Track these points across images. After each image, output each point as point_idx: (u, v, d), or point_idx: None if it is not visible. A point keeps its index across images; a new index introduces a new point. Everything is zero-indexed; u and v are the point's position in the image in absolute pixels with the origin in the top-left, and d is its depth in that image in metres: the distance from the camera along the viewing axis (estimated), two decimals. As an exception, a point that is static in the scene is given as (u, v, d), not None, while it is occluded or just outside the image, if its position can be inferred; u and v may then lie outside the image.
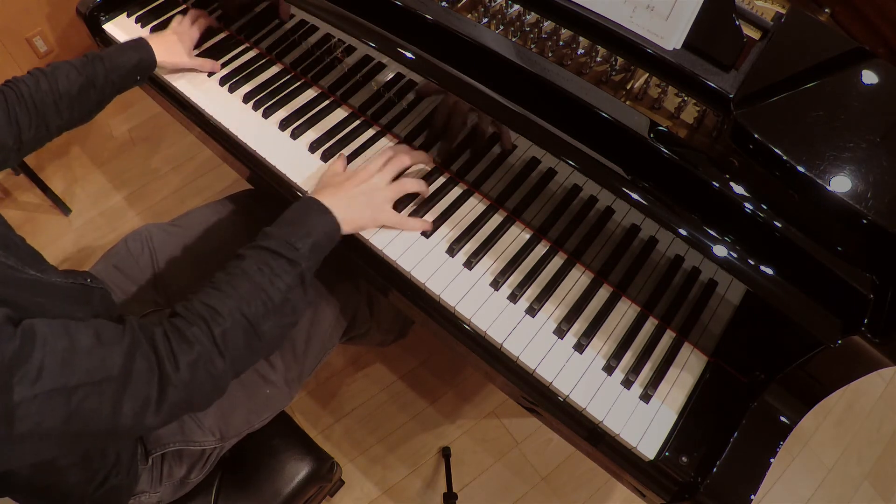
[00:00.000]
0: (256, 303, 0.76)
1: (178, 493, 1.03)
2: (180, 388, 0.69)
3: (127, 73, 1.07)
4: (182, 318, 0.73)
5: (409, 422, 1.70)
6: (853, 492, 1.68)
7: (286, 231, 0.83)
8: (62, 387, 0.59)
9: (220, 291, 0.76)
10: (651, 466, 0.86)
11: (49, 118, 0.97)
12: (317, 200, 0.89)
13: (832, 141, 0.78)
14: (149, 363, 0.67)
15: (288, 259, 0.81)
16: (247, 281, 0.77)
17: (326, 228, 0.87)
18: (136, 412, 0.65)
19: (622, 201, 0.84)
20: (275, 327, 0.79)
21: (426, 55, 0.93)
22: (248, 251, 0.81)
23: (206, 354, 0.71)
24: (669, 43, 0.85)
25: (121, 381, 0.64)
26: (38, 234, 2.04)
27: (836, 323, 0.75)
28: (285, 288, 0.79)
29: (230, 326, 0.74)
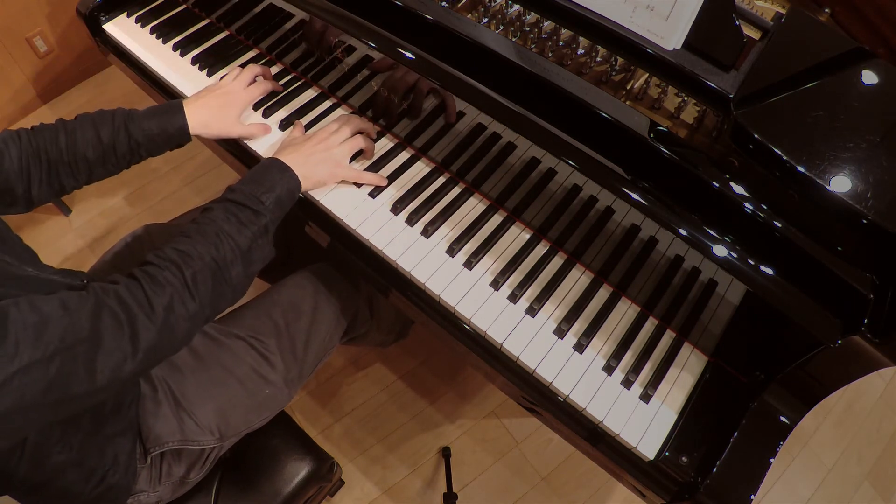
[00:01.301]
0: (225, 248, 0.81)
1: (177, 493, 1.03)
2: (152, 330, 0.72)
3: (154, 146, 0.99)
4: (154, 265, 0.77)
5: (409, 422, 1.70)
6: (853, 492, 1.68)
7: (251, 187, 0.88)
8: (39, 358, 0.62)
9: (190, 238, 0.80)
10: (651, 466, 0.86)
11: (63, 178, 0.93)
12: (278, 160, 0.95)
13: (832, 141, 0.78)
14: (115, 319, 0.69)
15: (253, 210, 0.86)
16: (215, 227, 0.82)
17: (288, 185, 0.92)
18: (111, 367, 0.68)
19: (622, 201, 0.84)
20: (241, 274, 0.83)
21: (426, 55, 0.93)
22: (216, 204, 0.86)
23: (179, 296, 0.75)
24: (669, 43, 0.85)
25: (92, 341, 0.66)
26: (38, 234, 2.04)
27: (836, 323, 0.75)
28: (251, 236, 0.85)
29: (200, 269, 0.78)
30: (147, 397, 0.96)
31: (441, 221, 1.01)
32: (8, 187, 0.88)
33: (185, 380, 1.00)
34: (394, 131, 1.10)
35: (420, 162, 1.08)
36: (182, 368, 1.00)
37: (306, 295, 1.13)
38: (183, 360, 1.01)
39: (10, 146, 0.88)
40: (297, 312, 1.11)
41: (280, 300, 1.12)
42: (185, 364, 1.01)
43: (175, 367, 1.00)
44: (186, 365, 1.01)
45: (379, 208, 1.02)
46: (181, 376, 1.00)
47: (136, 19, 1.31)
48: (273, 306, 1.11)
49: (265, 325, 1.08)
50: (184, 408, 0.98)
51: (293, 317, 1.10)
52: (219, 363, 1.02)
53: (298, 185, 0.94)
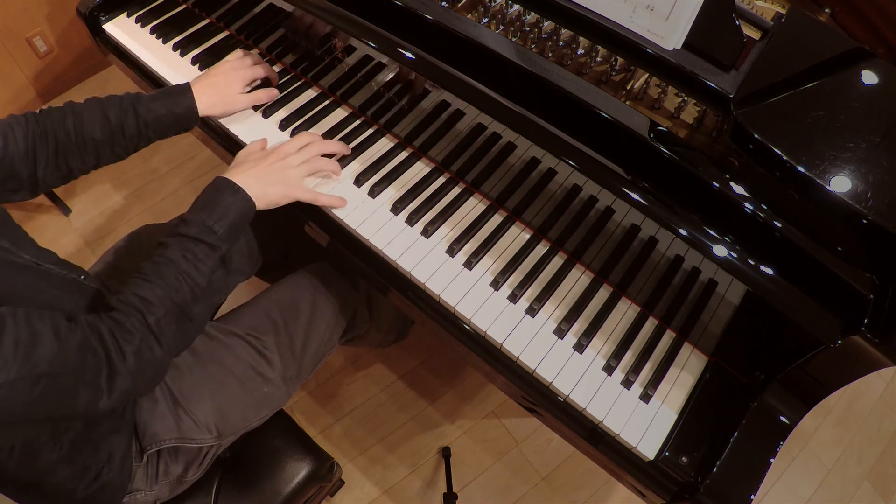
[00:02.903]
0: (184, 289, 0.81)
1: (174, 492, 1.03)
2: (126, 375, 0.74)
3: (162, 128, 0.99)
4: (119, 312, 0.77)
5: (409, 422, 1.70)
6: (853, 492, 1.68)
7: (204, 215, 0.87)
8: (26, 375, 0.64)
9: (149, 282, 0.80)
10: (651, 466, 0.86)
11: (70, 160, 0.93)
12: (229, 181, 0.92)
13: (832, 141, 0.78)
14: (97, 358, 0.72)
15: (208, 244, 0.85)
16: (173, 269, 0.82)
17: (240, 207, 0.90)
18: (89, 400, 0.71)
19: (622, 201, 0.84)
20: (203, 310, 0.85)
21: (426, 55, 0.93)
22: (171, 239, 0.85)
23: (146, 342, 0.77)
24: (669, 43, 0.85)
25: (76, 374, 0.69)
26: (38, 234, 2.03)
27: (836, 323, 0.75)
28: (208, 271, 0.85)
29: (163, 315, 0.79)
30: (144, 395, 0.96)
31: (441, 221, 1.01)
32: (13, 172, 0.88)
33: (183, 377, 1.00)
34: (394, 131, 1.10)
35: (420, 162, 1.08)
36: (180, 366, 1.00)
37: (305, 294, 1.13)
38: (181, 358, 1.01)
39: (16, 129, 0.88)
40: (295, 311, 1.11)
41: (279, 299, 1.12)
42: (183, 362, 1.01)
43: (173, 366, 1.00)
44: (184, 363, 1.01)
45: (379, 208, 1.02)
46: (179, 374, 1.00)
47: (136, 19, 1.31)
48: (272, 305, 1.11)
49: (264, 323, 1.08)
50: (181, 405, 0.97)
51: (292, 315, 1.10)
52: (217, 361, 1.02)
53: (252, 205, 0.92)
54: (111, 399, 0.73)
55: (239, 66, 1.08)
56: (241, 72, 1.08)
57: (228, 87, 1.06)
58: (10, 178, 0.88)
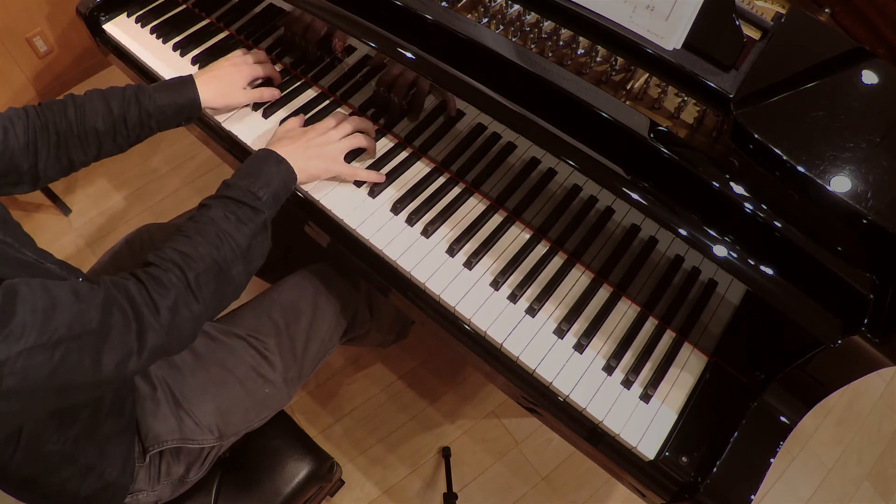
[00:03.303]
0: (225, 248, 0.81)
1: (176, 492, 1.03)
2: (160, 331, 0.72)
3: (165, 119, 0.99)
4: (156, 266, 0.77)
5: (409, 422, 1.70)
6: (853, 492, 1.68)
7: (248, 181, 0.87)
8: (45, 342, 0.62)
9: (190, 239, 0.80)
10: (651, 466, 0.86)
11: (72, 152, 0.92)
12: (272, 151, 0.93)
13: (832, 141, 0.78)
14: (124, 315, 0.70)
15: (251, 207, 0.85)
16: (215, 228, 0.82)
17: (284, 177, 0.92)
18: (117, 362, 0.68)
19: (622, 201, 0.84)
20: (242, 272, 0.83)
21: (426, 55, 0.93)
22: (214, 201, 0.85)
23: (183, 297, 0.75)
24: (669, 43, 0.85)
25: (99, 334, 0.67)
26: (38, 234, 2.04)
27: (836, 323, 0.75)
28: (250, 234, 0.84)
29: (203, 270, 0.78)
30: (146, 396, 0.96)
31: (441, 221, 1.01)
32: (13, 165, 0.88)
33: (185, 379, 1.00)
34: (394, 131, 1.10)
35: (420, 162, 1.08)
36: (181, 367, 1.00)
37: (306, 295, 1.13)
38: (182, 359, 1.01)
39: (16, 123, 0.88)
40: (296, 312, 1.11)
41: (280, 300, 1.12)
42: (184, 363, 1.01)
43: (174, 367, 1.00)
44: (186, 364, 1.01)
45: (379, 208, 1.02)
46: (180, 375, 1.00)
47: (136, 19, 1.31)
48: (273, 306, 1.11)
49: (265, 324, 1.08)
50: (183, 407, 0.98)
51: (293, 316, 1.10)
52: (218, 362, 1.02)
53: (294, 177, 0.94)
54: (142, 359, 0.71)
55: (241, 62, 1.09)
56: (243, 68, 1.09)
57: (231, 82, 1.07)
58: (10, 172, 0.88)
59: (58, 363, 0.63)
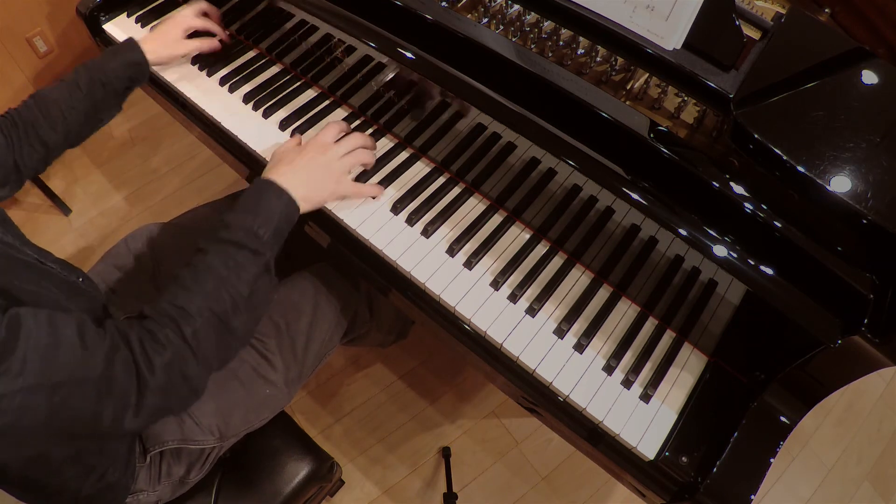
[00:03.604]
0: (224, 298, 0.75)
1: (177, 493, 1.03)
2: (157, 391, 0.68)
3: (114, 75, 1.02)
4: (152, 321, 0.72)
5: (409, 422, 1.70)
6: (853, 492, 1.68)
7: (247, 219, 0.82)
8: (44, 383, 0.60)
9: (186, 290, 0.75)
10: (651, 466, 0.86)
11: (42, 134, 0.95)
12: (272, 182, 0.87)
13: (832, 141, 0.78)
14: (127, 368, 0.67)
15: (251, 250, 0.79)
16: (213, 276, 0.76)
17: (286, 211, 0.86)
18: (115, 415, 0.66)
19: (622, 201, 0.84)
20: (245, 321, 0.78)
21: (426, 55, 0.93)
22: (211, 245, 0.79)
23: (180, 355, 0.71)
24: (669, 43, 0.85)
25: (102, 383, 0.64)
26: (38, 234, 2.04)
27: (836, 323, 0.75)
28: (252, 279, 0.78)
29: (201, 325, 0.73)
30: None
31: (441, 221, 1.01)
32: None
33: (185, 380, 0.99)
34: (394, 131, 1.10)
35: (420, 162, 1.08)
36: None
37: (306, 295, 1.13)
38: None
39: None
40: (297, 312, 1.11)
41: (280, 300, 1.12)
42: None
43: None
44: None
45: (379, 208, 1.02)
46: (181, 376, 0.99)
47: (136, 19, 1.31)
48: (273, 307, 1.11)
49: (265, 325, 1.08)
50: (184, 408, 0.97)
51: (293, 317, 1.10)
52: (219, 363, 1.02)
53: (297, 209, 0.88)
54: (139, 417, 0.68)
55: (180, 16, 1.15)
56: (179, 19, 1.14)
57: (168, 33, 1.12)
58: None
59: (57, 406, 0.61)
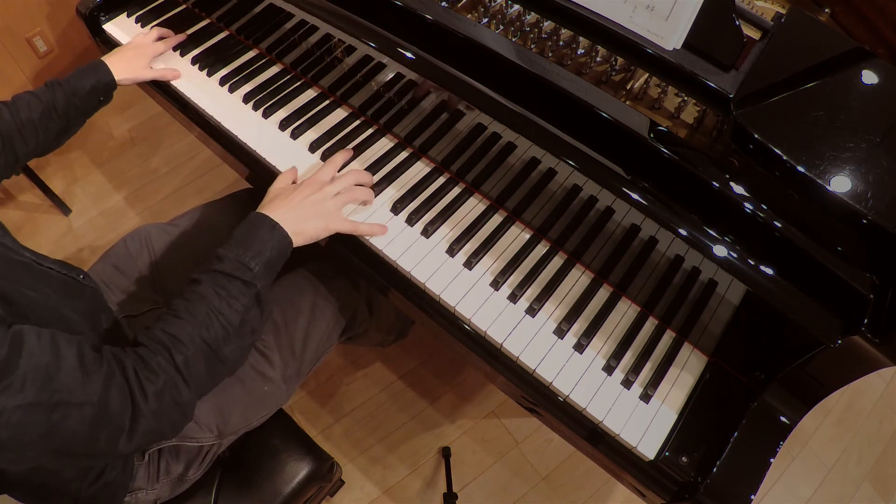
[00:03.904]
0: (215, 327, 0.78)
1: (175, 491, 1.03)
2: (149, 417, 0.71)
3: (86, 94, 1.08)
4: (145, 348, 0.75)
5: (409, 422, 1.70)
6: (853, 492, 1.68)
7: (239, 252, 0.84)
8: (44, 401, 0.61)
9: (179, 318, 0.77)
10: (651, 466, 0.86)
11: (16, 145, 1.00)
12: (265, 216, 0.89)
13: (832, 141, 0.78)
14: (122, 394, 0.69)
15: (243, 281, 0.82)
16: (204, 305, 0.78)
17: (278, 244, 0.87)
18: (110, 439, 0.68)
19: (622, 201, 0.84)
20: (235, 350, 0.80)
21: (426, 55, 0.93)
22: (204, 275, 0.82)
23: (171, 382, 0.73)
24: (669, 43, 0.85)
25: (99, 407, 0.66)
26: (38, 234, 2.04)
27: (836, 323, 0.75)
28: (242, 309, 0.81)
29: (192, 354, 0.75)
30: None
31: (441, 221, 1.01)
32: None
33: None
34: (394, 131, 1.10)
35: (420, 162, 1.08)
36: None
37: (305, 293, 1.13)
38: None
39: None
40: (295, 310, 1.11)
41: (279, 298, 1.12)
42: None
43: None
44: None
45: (379, 208, 1.02)
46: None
47: (136, 19, 1.31)
48: (272, 304, 1.11)
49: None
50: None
51: (292, 315, 1.10)
52: (218, 362, 1.02)
53: (289, 242, 0.89)
54: (132, 441, 0.70)
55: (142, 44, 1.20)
56: (144, 50, 1.19)
57: (135, 60, 1.17)
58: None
59: (55, 425, 0.63)
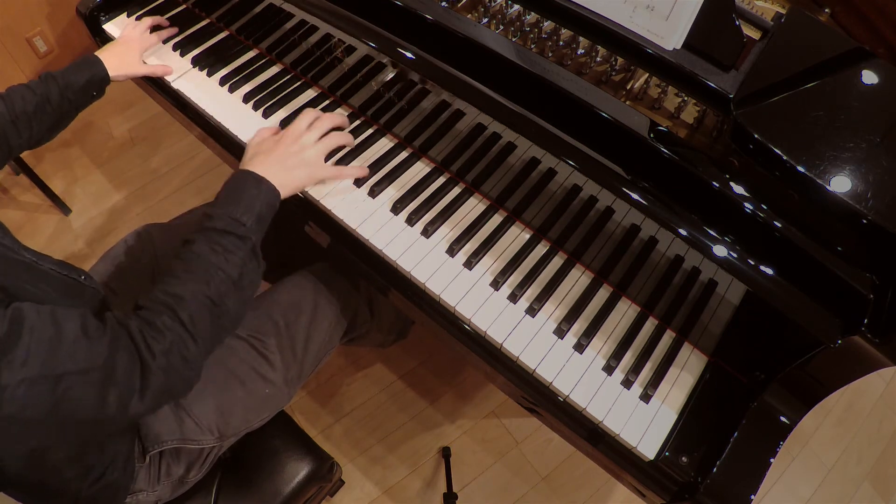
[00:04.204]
0: (216, 281, 0.79)
1: (176, 493, 1.03)
2: (160, 374, 0.72)
3: (80, 89, 1.08)
4: (148, 310, 0.76)
5: (409, 422, 1.70)
6: (853, 492, 1.68)
7: (229, 209, 0.85)
8: (48, 374, 0.62)
9: (178, 278, 0.79)
10: (651, 466, 0.86)
11: (9, 137, 0.99)
12: (250, 172, 0.90)
13: (832, 141, 0.78)
14: (130, 355, 0.70)
15: (237, 235, 0.83)
16: (202, 263, 0.80)
17: (267, 198, 0.89)
18: (120, 402, 0.68)
19: (622, 201, 0.84)
20: (237, 303, 0.82)
21: (426, 55, 0.93)
22: (197, 235, 0.83)
23: (179, 339, 0.74)
24: (669, 43, 0.85)
25: (106, 371, 0.67)
26: (38, 234, 2.04)
27: (836, 323, 0.75)
28: (240, 262, 0.82)
29: (196, 309, 0.77)
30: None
31: (441, 221, 1.01)
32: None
33: (185, 380, 1.00)
34: (394, 131, 1.10)
35: (420, 162, 1.08)
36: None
37: (306, 295, 1.13)
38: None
39: None
40: (297, 312, 1.11)
41: (280, 300, 1.12)
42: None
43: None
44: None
45: (379, 208, 1.02)
46: (181, 376, 1.00)
47: (136, 19, 1.31)
48: (273, 306, 1.11)
49: (265, 324, 1.08)
50: (183, 407, 0.98)
51: (293, 316, 1.10)
52: (219, 363, 1.02)
53: (277, 195, 0.91)
54: (144, 400, 0.70)
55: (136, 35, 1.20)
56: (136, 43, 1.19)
57: (127, 54, 1.17)
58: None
59: (60, 397, 0.63)
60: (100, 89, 1.12)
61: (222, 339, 0.83)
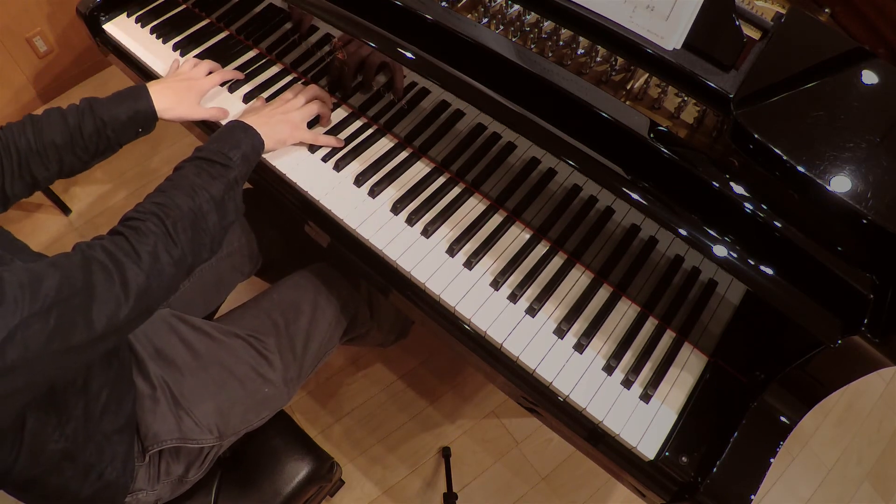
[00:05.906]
0: (200, 199, 0.85)
1: (176, 492, 1.03)
2: (142, 275, 0.75)
3: (121, 127, 0.98)
4: (135, 219, 0.81)
5: (409, 422, 1.70)
6: (853, 492, 1.68)
7: (218, 145, 0.93)
8: (38, 311, 0.65)
9: (165, 192, 0.85)
10: (651, 466, 0.86)
11: (34, 169, 0.93)
12: (239, 121, 1.00)
13: (832, 141, 0.78)
14: (105, 269, 0.72)
15: (222, 164, 0.90)
16: (189, 181, 0.87)
17: (252, 142, 0.97)
18: (108, 315, 0.71)
19: (622, 201, 0.84)
20: (217, 223, 0.87)
21: (426, 55, 0.93)
22: (187, 162, 0.91)
23: (163, 242, 0.79)
24: (669, 43, 0.85)
25: (85, 291, 0.70)
26: (38, 234, 2.04)
27: (836, 323, 0.75)
28: (223, 187, 0.89)
29: (179, 218, 0.82)
30: (145, 395, 0.96)
31: (441, 221, 1.01)
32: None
33: (184, 379, 1.00)
34: (394, 131, 1.10)
35: (420, 162, 1.08)
36: (181, 367, 1.00)
37: (306, 295, 1.13)
38: (182, 359, 1.01)
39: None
40: (296, 312, 1.11)
41: (280, 300, 1.12)
42: (184, 363, 1.01)
43: (174, 367, 1.00)
44: (185, 364, 1.01)
45: (379, 208, 1.02)
46: (180, 375, 1.00)
47: (136, 19, 1.31)
48: (273, 306, 1.11)
49: (265, 324, 1.08)
50: (182, 407, 0.98)
51: (293, 316, 1.10)
52: (218, 362, 1.02)
53: (262, 142, 0.99)
54: (129, 305, 0.73)
55: (195, 77, 1.10)
56: (196, 83, 1.09)
57: (188, 94, 1.07)
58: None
59: (54, 327, 0.66)
60: (146, 127, 1.02)
61: (201, 257, 0.86)
